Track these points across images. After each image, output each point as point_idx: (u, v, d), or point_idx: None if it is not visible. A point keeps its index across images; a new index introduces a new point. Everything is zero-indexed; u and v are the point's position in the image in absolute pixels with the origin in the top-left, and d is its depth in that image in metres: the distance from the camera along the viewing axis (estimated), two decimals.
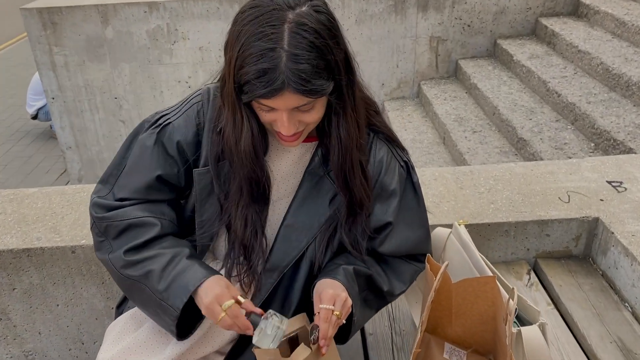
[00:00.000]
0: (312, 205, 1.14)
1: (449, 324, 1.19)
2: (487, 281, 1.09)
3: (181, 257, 1.07)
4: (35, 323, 1.74)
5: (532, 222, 1.67)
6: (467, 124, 4.08)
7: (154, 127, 1.11)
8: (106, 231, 1.11)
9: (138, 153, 1.11)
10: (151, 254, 1.07)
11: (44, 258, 1.62)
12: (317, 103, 0.97)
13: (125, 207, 1.10)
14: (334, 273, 1.12)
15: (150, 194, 1.12)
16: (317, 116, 1.00)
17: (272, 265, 1.16)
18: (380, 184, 1.15)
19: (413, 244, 1.21)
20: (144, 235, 1.08)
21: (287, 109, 0.95)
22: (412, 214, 1.20)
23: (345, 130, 1.04)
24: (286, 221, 1.14)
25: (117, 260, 1.09)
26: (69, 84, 4.73)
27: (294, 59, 0.89)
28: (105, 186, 1.15)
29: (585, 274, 1.67)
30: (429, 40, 4.73)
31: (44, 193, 1.86)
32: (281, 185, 1.16)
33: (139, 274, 1.06)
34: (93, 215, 1.13)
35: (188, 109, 1.11)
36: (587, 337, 1.46)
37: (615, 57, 3.79)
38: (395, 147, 1.19)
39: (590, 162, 1.95)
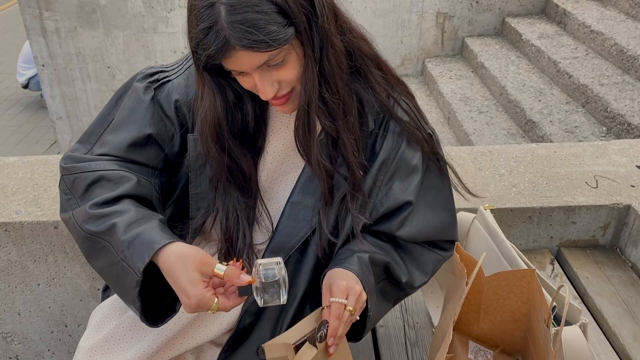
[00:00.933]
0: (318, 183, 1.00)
1: (476, 320, 1.06)
2: (524, 275, 0.95)
3: (153, 218, 0.91)
4: (14, 303, 1.60)
5: (558, 208, 1.53)
6: (473, 104, 3.97)
7: (151, 80, 0.99)
8: (73, 186, 0.96)
9: (131, 105, 0.98)
10: (118, 208, 0.90)
11: (23, 233, 1.48)
12: (287, 56, 0.85)
13: (99, 160, 0.96)
14: (347, 262, 0.98)
15: (134, 153, 0.98)
16: (294, 72, 0.87)
17: (276, 246, 1.03)
18: (400, 158, 1.01)
19: (435, 229, 1.06)
20: (115, 189, 0.93)
21: (253, 68, 0.84)
22: (435, 193, 1.06)
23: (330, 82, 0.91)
24: (292, 198, 1.02)
25: (79, 214, 0.93)
26: (59, 50, 4.57)
27: (232, 10, 0.79)
28: (83, 145, 1.01)
29: (612, 265, 1.55)
30: (435, 16, 4.60)
31: (25, 162, 1.70)
32: (286, 160, 1.03)
33: (101, 228, 0.89)
34: (61, 166, 0.99)
35: (190, 66, 0.99)
36: (620, 336, 1.34)
37: (630, 38, 3.66)
38: (419, 117, 1.04)
39: (617, 145, 1.81)
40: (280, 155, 1.03)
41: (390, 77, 1.02)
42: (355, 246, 1.02)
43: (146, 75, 1.00)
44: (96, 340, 1.02)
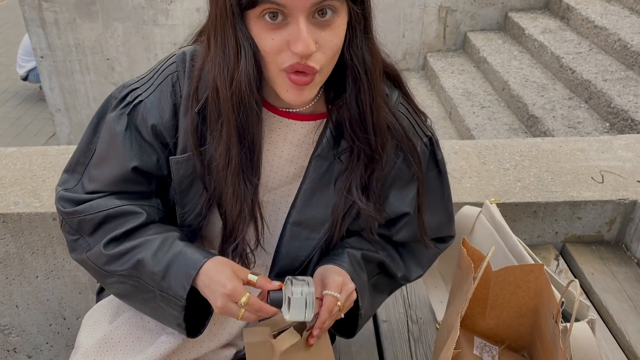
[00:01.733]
0: (322, 197, 0.95)
1: (482, 315, 1.04)
2: (532, 269, 0.94)
3: (173, 239, 0.90)
4: (12, 295, 1.58)
5: (564, 203, 1.51)
6: (475, 98, 3.95)
7: (122, 105, 0.91)
8: (79, 227, 0.93)
9: (107, 139, 0.92)
10: (136, 242, 0.90)
11: (21, 225, 1.46)
12: (337, 17, 0.77)
13: (99, 199, 0.93)
14: (338, 259, 0.96)
15: (127, 186, 0.93)
16: (337, 40, 0.79)
17: (282, 270, 0.99)
18: (398, 169, 0.98)
19: (433, 228, 1.06)
20: (125, 225, 0.91)
21: (305, 5, 0.74)
22: (433, 196, 1.04)
23: (369, 54, 0.84)
24: (292, 218, 0.97)
25: (97, 256, 0.91)
26: (58, 42, 4.55)
27: None
28: (72, 176, 0.97)
29: (618, 261, 1.53)
30: (437, 10, 4.58)
31: (24, 153, 1.68)
32: (283, 171, 0.97)
33: (126, 267, 0.89)
34: (61, 210, 0.95)
35: (162, 82, 0.91)
36: (625, 332, 1.32)
37: (634, 34, 3.64)
38: (417, 119, 1.00)
39: (623, 139, 1.79)
40: (275, 164, 0.97)
41: (396, 78, 0.98)
42: (347, 242, 1.01)
43: (119, 100, 0.92)
44: (89, 345, 0.98)
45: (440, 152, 1.04)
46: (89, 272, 0.97)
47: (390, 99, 0.95)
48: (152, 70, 0.94)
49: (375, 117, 0.88)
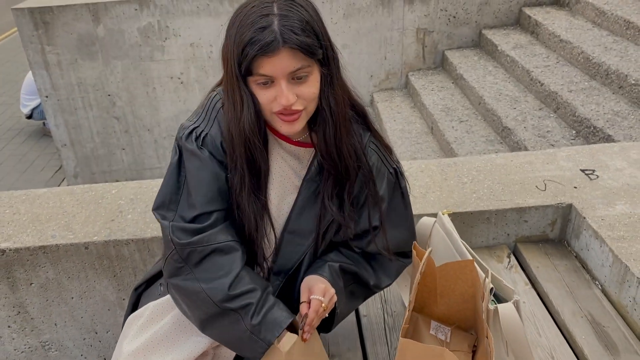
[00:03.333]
0: (311, 211, 1.22)
1: (434, 303, 1.33)
2: (467, 264, 1.22)
3: (268, 291, 1.17)
4: (52, 315, 1.86)
5: (511, 210, 1.80)
6: (454, 113, 4.20)
7: (195, 140, 1.15)
8: (188, 257, 1.14)
9: (198, 166, 1.15)
10: (249, 287, 1.14)
11: (58, 254, 1.74)
12: (311, 75, 1.05)
13: (207, 231, 1.14)
14: (320, 270, 1.24)
15: (218, 202, 1.16)
16: (313, 90, 1.07)
17: (278, 269, 1.27)
18: (370, 188, 1.24)
19: (398, 243, 1.33)
20: (235, 264, 1.14)
21: (285, 74, 1.02)
22: (398, 215, 1.32)
23: (335, 100, 1.11)
24: (289, 227, 1.24)
25: (217, 292, 1.12)
26: (62, 82, 4.78)
27: (285, 19, 1.01)
28: (169, 211, 1.17)
29: (560, 256, 1.82)
30: (415, 32, 4.84)
31: (54, 193, 1.96)
32: (278, 188, 1.22)
33: (238, 305, 1.12)
34: (176, 242, 1.13)
35: (216, 115, 1.17)
36: (561, 313, 1.60)
37: (595, 47, 3.91)
38: (384, 154, 1.28)
39: (565, 151, 2.09)
40: (277, 179, 1.22)
41: (366, 119, 1.27)
42: (329, 257, 1.29)
43: (187, 136, 1.16)
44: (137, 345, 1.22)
45: (404, 181, 1.32)
46: (190, 298, 1.16)
47: (363, 138, 1.24)
48: (204, 109, 1.19)
49: (338, 147, 1.15)
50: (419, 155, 4.02)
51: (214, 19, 4.39)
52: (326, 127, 1.13)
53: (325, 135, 1.14)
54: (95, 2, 4.56)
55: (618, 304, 1.62)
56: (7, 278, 1.76)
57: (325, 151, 1.16)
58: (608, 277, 1.65)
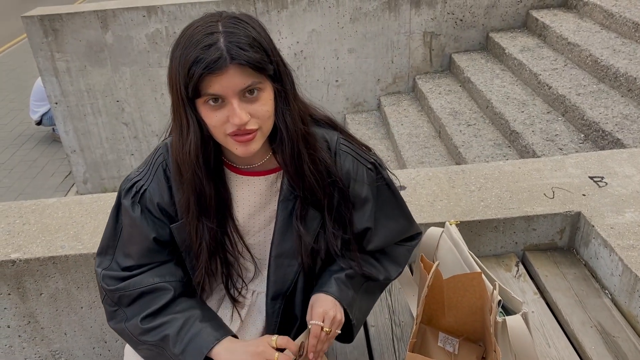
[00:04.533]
0: (293, 232, 1.19)
1: (442, 315, 1.32)
2: (474, 277, 1.21)
3: (194, 319, 1.14)
4: (61, 325, 1.87)
5: (520, 218, 1.80)
6: (462, 117, 4.19)
7: (132, 195, 1.17)
8: (119, 300, 1.18)
9: (129, 223, 1.17)
10: (165, 319, 1.14)
11: (68, 265, 1.75)
12: (263, 92, 1.02)
13: (135, 277, 1.17)
14: (326, 286, 1.21)
15: (153, 257, 1.18)
16: (266, 108, 1.03)
17: (275, 294, 1.26)
18: (352, 194, 1.21)
19: (398, 232, 1.31)
20: (158, 301, 1.15)
21: (235, 92, 0.98)
22: (390, 207, 1.29)
23: (290, 118, 1.08)
24: (273, 252, 1.22)
25: (134, 328, 1.15)
26: (71, 88, 4.83)
27: (231, 35, 0.98)
28: (105, 257, 1.21)
29: (569, 264, 1.81)
30: (422, 36, 4.84)
31: (63, 203, 1.98)
32: (259, 216, 1.22)
33: (155, 339, 1.14)
34: (105, 288, 1.18)
35: (156, 170, 1.17)
36: (570, 322, 1.59)
37: (603, 49, 3.89)
38: (359, 152, 1.23)
39: (574, 158, 2.07)
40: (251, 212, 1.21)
41: (331, 123, 1.24)
42: (333, 267, 1.26)
43: (127, 190, 1.18)
44: None
45: (386, 171, 1.28)
46: (124, 338, 1.21)
47: (331, 141, 1.20)
48: (147, 163, 1.20)
49: (298, 166, 1.12)
50: (426, 160, 4.02)
51: None
52: (283, 145, 1.10)
53: (284, 153, 1.11)
54: (104, 9, 4.60)
55: (628, 313, 1.61)
56: (17, 288, 1.78)
57: (286, 171, 1.14)
58: (618, 287, 1.64)
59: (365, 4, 4.66)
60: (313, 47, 4.73)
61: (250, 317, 1.32)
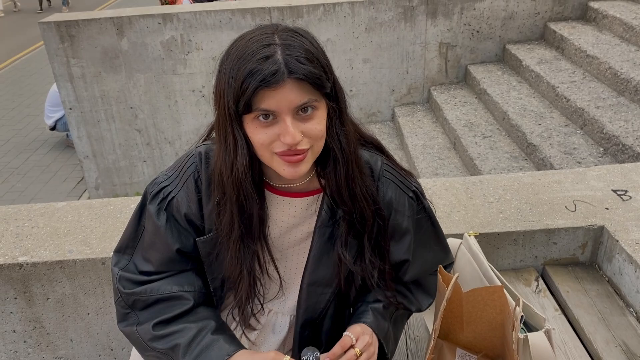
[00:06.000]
0: (329, 260, 1.14)
1: (461, 330, 1.27)
2: (495, 290, 1.16)
3: (207, 331, 1.10)
4: (68, 331, 1.83)
5: (540, 231, 1.73)
6: (477, 129, 4.14)
7: (159, 201, 1.12)
8: (133, 304, 1.13)
9: (153, 230, 1.12)
10: (178, 327, 1.10)
11: (75, 269, 1.72)
12: (317, 111, 0.96)
13: (153, 282, 1.13)
14: (363, 317, 1.16)
15: (174, 265, 1.14)
16: (319, 127, 0.97)
17: (305, 322, 1.21)
18: (392, 224, 1.15)
19: (434, 263, 1.27)
20: (173, 309, 1.11)
21: (290, 108, 0.92)
22: (428, 238, 1.24)
23: (345, 138, 1.03)
24: (306, 280, 1.17)
25: (145, 332, 1.11)
26: (85, 94, 4.85)
27: (289, 48, 0.92)
28: (123, 257, 1.17)
29: (591, 280, 1.74)
30: (438, 47, 4.81)
31: (72, 207, 1.95)
32: (291, 236, 1.16)
33: (166, 347, 1.09)
34: (121, 290, 1.14)
35: (186, 180, 1.12)
36: (593, 341, 1.52)
37: (623, 62, 3.83)
38: (401, 178, 1.18)
39: (596, 170, 2.01)
40: (279, 236, 1.15)
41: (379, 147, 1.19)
42: (369, 298, 1.20)
43: (154, 195, 1.12)
44: None
45: (426, 201, 1.23)
46: (133, 343, 1.16)
47: (375, 166, 1.14)
48: (177, 168, 1.14)
49: (351, 189, 1.06)
50: (441, 172, 3.96)
51: (236, 32, 4.38)
52: (337, 167, 1.04)
53: (337, 176, 1.05)
54: (120, 16, 4.63)
55: None
56: (24, 292, 1.75)
57: (337, 194, 1.07)
58: None
59: (381, 14, 4.64)
60: (328, 56, 4.69)
61: (263, 337, 1.27)
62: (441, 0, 4.64)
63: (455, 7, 4.66)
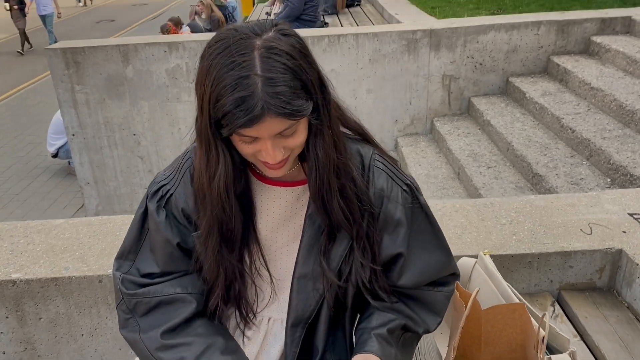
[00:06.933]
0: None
1: (478, 352, 1.19)
2: (516, 308, 1.09)
3: (215, 349, 1.07)
4: (60, 353, 1.75)
5: (555, 254, 1.67)
6: (482, 159, 4.11)
7: (158, 199, 1.12)
8: (135, 308, 1.11)
9: (154, 228, 1.12)
10: (187, 340, 1.07)
11: (71, 287, 1.64)
12: (299, 126, 0.95)
13: (156, 284, 1.10)
14: (368, 346, 1.09)
15: (176, 264, 1.12)
16: (301, 139, 0.97)
17: (296, 320, 1.14)
18: (384, 215, 1.10)
19: (435, 267, 1.16)
20: (178, 314, 1.09)
21: (270, 135, 0.92)
22: (426, 237, 1.15)
23: (323, 150, 1.00)
24: (297, 273, 1.12)
25: (151, 341, 1.08)
26: (89, 120, 4.85)
27: (270, 82, 0.87)
28: (125, 262, 1.15)
29: (610, 306, 1.66)
30: (441, 79, 4.82)
31: (70, 224, 1.89)
32: (283, 231, 1.13)
33: (172, 358, 1.06)
34: (123, 291, 1.11)
35: (183, 175, 1.11)
36: None
37: (628, 94, 3.83)
38: (394, 171, 1.13)
39: (610, 194, 1.96)
40: (276, 225, 1.12)
41: (368, 139, 1.15)
42: (370, 324, 1.13)
43: (153, 193, 1.12)
44: None
45: (422, 197, 1.16)
46: (135, 350, 1.11)
47: (365, 156, 1.11)
48: (175, 166, 1.14)
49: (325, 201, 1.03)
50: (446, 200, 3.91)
51: None
52: (311, 178, 1.02)
53: (311, 186, 1.03)
54: (126, 43, 4.66)
55: None
56: (16, 311, 1.67)
57: (313, 202, 1.05)
58: None
59: (385, 46, 4.67)
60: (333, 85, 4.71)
61: (265, 347, 1.20)
62: (444, 33, 4.68)
63: (459, 40, 4.70)
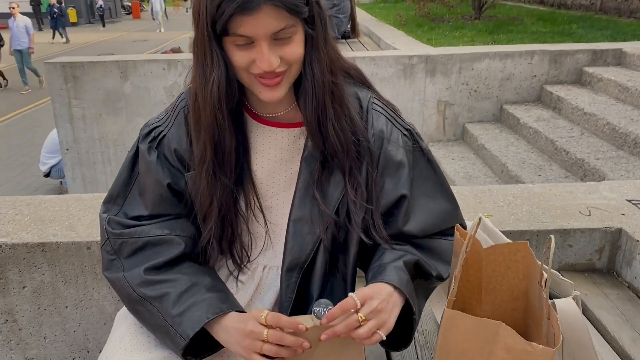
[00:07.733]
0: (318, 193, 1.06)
1: (478, 302, 1.14)
2: (519, 248, 1.06)
3: (201, 286, 1.03)
4: (42, 326, 1.68)
5: (555, 231, 1.64)
6: (476, 180, 4.12)
7: (150, 140, 1.09)
8: (120, 249, 1.07)
9: (144, 169, 1.09)
10: (171, 277, 1.04)
11: (58, 253, 1.59)
12: (295, 35, 0.94)
13: (144, 226, 1.07)
14: (383, 275, 1.02)
15: (165, 206, 1.09)
16: (298, 51, 0.96)
17: (291, 264, 1.10)
18: (385, 156, 1.07)
19: (440, 215, 1.13)
20: (165, 254, 1.05)
21: (266, 34, 0.91)
22: (429, 183, 1.12)
23: (318, 66, 0.98)
24: (293, 216, 1.08)
25: (134, 277, 1.04)
26: (84, 135, 4.84)
27: None
28: (113, 206, 1.12)
29: (610, 285, 1.63)
30: (436, 104, 4.88)
31: (61, 199, 1.85)
32: (279, 176, 1.11)
33: (154, 294, 1.02)
34: (109, 231, 1.08)
35: (177, 115, 1.10)
36: (619, 339, 1.39)
37: (621, 118, 3.89)
38: (394, 115, 1.10)
39: (608, 184, 1.95)
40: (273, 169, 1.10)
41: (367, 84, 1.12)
42: (385, 259, 1.07)
43: (145, 135, 1.10)
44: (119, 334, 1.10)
45: (423, 142, 1.13)
46: (117, 290, 1.08)
47: (364, 99, 1.08)
48: (169, 110, 1.12)
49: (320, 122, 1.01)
50: None
51: None
52: (307, 97, 1.00)
53: (307, 107, 1.00)
54: (125, 59, 4.70)
55: None
56: None
57: (307, 125, 1.02)
58: None
59: (382, 70, 4.74)
60: None
61: (259, 294, 1.15)
62: (440, 60, 4.77)
63: (454, 67, 4.78)
